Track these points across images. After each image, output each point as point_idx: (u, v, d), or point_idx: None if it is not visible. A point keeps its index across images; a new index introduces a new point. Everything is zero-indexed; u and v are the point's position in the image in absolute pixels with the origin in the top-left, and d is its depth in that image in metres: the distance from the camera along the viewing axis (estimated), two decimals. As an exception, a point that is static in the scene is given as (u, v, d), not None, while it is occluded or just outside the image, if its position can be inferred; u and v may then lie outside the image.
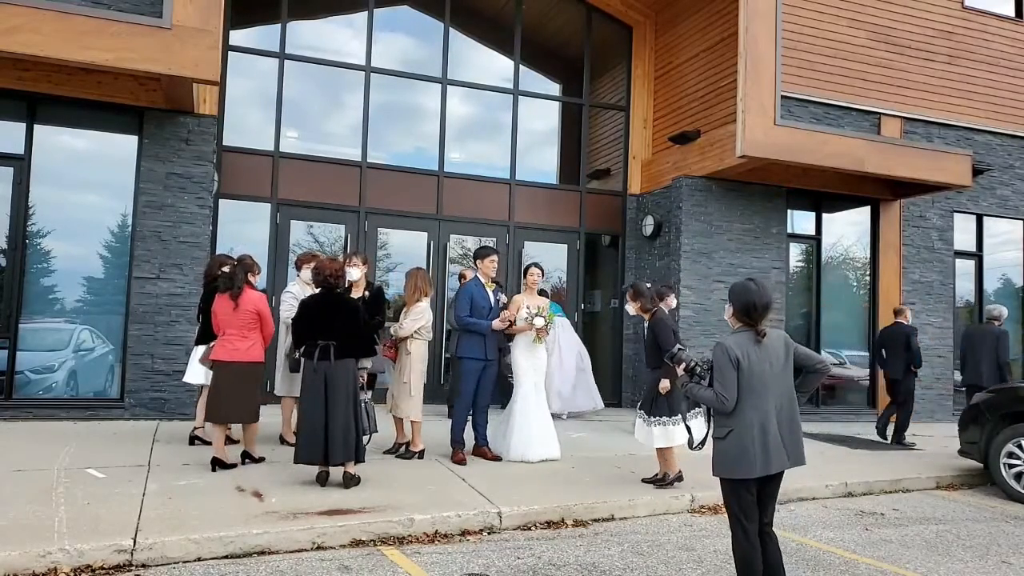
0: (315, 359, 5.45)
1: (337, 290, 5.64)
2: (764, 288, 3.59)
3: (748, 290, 3.57)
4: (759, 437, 3.43)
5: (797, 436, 3.55)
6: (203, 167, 8.36)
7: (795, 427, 3.55)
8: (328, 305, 5.57)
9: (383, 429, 7.80)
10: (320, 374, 5.43)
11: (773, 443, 3.45)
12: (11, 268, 7.79)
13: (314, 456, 5.42)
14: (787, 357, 3.57)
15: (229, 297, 5.83)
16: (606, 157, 11.88)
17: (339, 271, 5.67)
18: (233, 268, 6.02)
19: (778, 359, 3.54)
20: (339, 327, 5.49)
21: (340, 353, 5.45)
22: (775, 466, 3.46)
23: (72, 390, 8.08)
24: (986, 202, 11.87)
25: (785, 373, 3.56)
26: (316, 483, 5.46)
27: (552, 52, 12.21)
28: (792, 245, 11.01)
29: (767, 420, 3.45)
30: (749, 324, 3.55)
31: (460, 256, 10.61)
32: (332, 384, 5.42)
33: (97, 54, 6.80)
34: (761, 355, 3.50)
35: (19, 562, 3.82)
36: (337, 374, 5.44)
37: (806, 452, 3.68)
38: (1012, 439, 7.00)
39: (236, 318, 5.82)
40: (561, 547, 4.80)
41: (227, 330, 5.85)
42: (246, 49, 9.70)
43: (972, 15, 11.62)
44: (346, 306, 5.63)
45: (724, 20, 10.00)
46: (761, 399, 3.46)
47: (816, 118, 10.61)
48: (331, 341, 5.45)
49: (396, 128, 10.69)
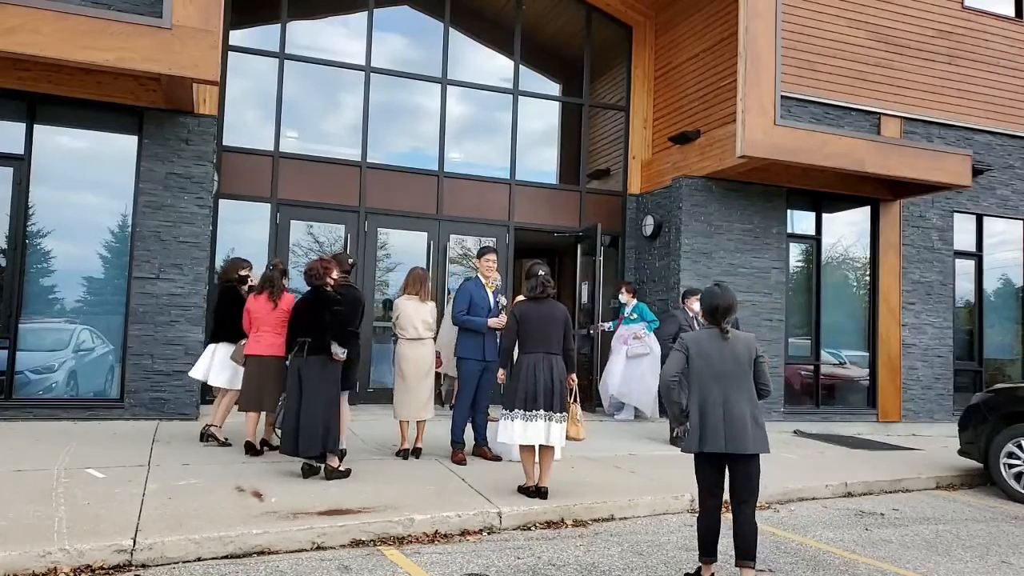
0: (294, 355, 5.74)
1: (326, 288, 5.82)
2: (726, 293, 4.18)
3: (713, 294, 4.20)
4: (699, 419, 4.05)
5: (742, 426, 4.00)
6: (203, 167, 8.36)
7: (742, 418, 4.01)
8: (312, 303, 5.80)
9: (386, 430, 7.82)
10: (295, 369, 5.69)
11: (711, 426, 4.01)
12: (11, 268, 7.79)
13: (289, 448, 5.65)
14: (748, 360, 4.09)
15: (268, 298, 6.46)
16: (606, 157, 11.89)
17: (320, 269, 5.83)
18: (273, 272, 6.62)
19: (735, 359, 4.07)
20: (316, 324, 5.68)
21: (313, 349, 5.64)
22: (709, 445, 4.01)
23: (72, 390, 8.08)
24: (986, 202, 11.87)
25: (739, 371, 4.07)
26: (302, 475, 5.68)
27: (552, 52, 12.21)
28: (792, 245, 11.00)
29: (711, 406, 4.04)
30: (712, 322, 4.17)
31: (460, 256, 10.61)
32: (305, 378, 5.63)
33: (97, 54, 6.80)
34: (718, 350, 4.09)
35: (19, 562, 3.82)
36: (310, 370, 5.62)
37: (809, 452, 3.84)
38: (1012, 439, 7.01)
39: (273, 317, 6.43)
40: (561, 547, 4.80)
41: (262, 327, 6.45)
42: (246, 49, 9.70)
43: (972, 15, 11.61)
44: (324, 303, 5.75)
45: (724, 20, 10.00)
46: (707, 388, 4.07)
47: (816, 118, 10.61)
48: (308, 338, 5.68)
49: (396, 128, 10.69)
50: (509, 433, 5.55)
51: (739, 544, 4.06)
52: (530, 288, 5.81)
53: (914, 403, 11.17)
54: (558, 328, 5.65)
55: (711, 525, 4.17)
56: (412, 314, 6.71)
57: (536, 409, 5.46)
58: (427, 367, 6.73)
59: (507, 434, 5.55)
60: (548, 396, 5.48)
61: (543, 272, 5.87)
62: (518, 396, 5.53)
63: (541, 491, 5.52)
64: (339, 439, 5.82)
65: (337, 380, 5.80)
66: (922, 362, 11.27)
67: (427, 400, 6.71)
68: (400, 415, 6.73)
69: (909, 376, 11.17)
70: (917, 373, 11.22)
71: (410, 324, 6.69)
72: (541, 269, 5.93)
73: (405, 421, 6.76)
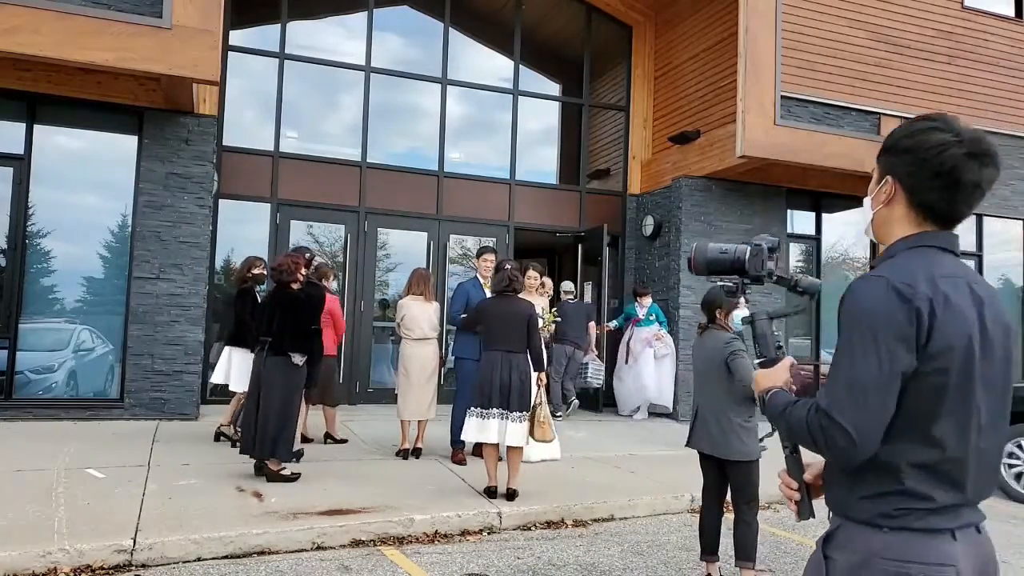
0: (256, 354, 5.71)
1: (292, 286, 5.74)
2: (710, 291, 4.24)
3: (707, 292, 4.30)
4: (692, 418, 4.24)
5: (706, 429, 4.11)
6: (203, 167, 8.36)
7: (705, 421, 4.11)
8: (276, 303, 5.69)
9: (386, 429, 7.82)
10: (256, 369, 5.65)
11: (699, 426, 4.16)
12: (11, 268, 7.79)
13: (246, 448, 5.62)
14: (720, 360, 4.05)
15: None
16: (606, 157, 11.88)
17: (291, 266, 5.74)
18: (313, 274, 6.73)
19: (707, 358, 4.13)
20: (278, 325, 5.59)
21: (272, 350, 5.56)
22: (694, 444, 4.21)
23: (72, 390, 8.07)
24: (986, 202, 11.78)
25: (711, 370, 4.10)
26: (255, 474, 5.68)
27: (552, 52, 12.20)
28: (792, 245, 11.00)
29: (698, 406, 4.21)
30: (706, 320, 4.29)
31: (460, 256, 10.61)
32: (264, 381, 5.55)
33: (97, 54, 6.80)
34: (699, 351, 4.24)
35: (19, 562, 3.82)
36: (270, 373, 5.54)
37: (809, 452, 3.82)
38: (1012, 439, 7.00)
39: None
40: (561, 547, 4.80)
41: None
42: (246, 49, 9.69)
43: (972, 15, 11.61)
44: (285, 302, 5.66)
45: (724, 20, 10.00)
46: (696, 386, 4.31)
47: (816, 118, 10.61)
48: (268, 338, 5.60)
49: (396, 128, 10.69)
50: (466, 431, 5.54)
51: (736, 543, 4.12)
52: (496, 282, 5.74)
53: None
54: (520, 326, 5.51)
55: (709, 524, 4.25)
56: (417, 314, 6.72)
57: (491, 407, 5.41)
58: (432, 367, 6.75)
59: (465, 432, 5.56)
60: (505, 395, 5.40)
61: (510, 266, 5.80)
62: (475, 394, 5.52)
63: (510, 493, 5.43)
64: (292, 445, 5.73)
65: (298, 386, 5.70)
66: None
67: (431, 400, 6.72)
68: (404, 415, 6.74)
69: (909, 376, 11.16)
70: (917, 373, 11.21)
71: (416, 324, 6.71)
72: (509, 263, 5.88)
73: (407, 421, 6.77)
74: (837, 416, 1.44)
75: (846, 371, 1.47)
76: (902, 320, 1.43)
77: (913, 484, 1.45)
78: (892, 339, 1.43)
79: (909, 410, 1.45)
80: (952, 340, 1.44)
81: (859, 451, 1.44)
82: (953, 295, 1.46)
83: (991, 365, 1.48)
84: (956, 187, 1.52)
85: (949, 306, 1.44)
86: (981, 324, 1.47)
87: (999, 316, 1.51)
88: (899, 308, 1.43)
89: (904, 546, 1.44)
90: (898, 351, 1.42)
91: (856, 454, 1.45)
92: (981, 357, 1.46)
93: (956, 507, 1.47)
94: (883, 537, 1.46)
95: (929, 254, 1.53)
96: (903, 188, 1.57)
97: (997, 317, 1.50)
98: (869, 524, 1.48)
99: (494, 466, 5.55)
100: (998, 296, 1.56)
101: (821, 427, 1.46)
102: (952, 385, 1.44)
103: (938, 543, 1.45)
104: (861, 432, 1.42)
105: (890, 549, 1.45)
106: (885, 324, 1.43)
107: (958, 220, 1.58)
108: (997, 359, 1.50)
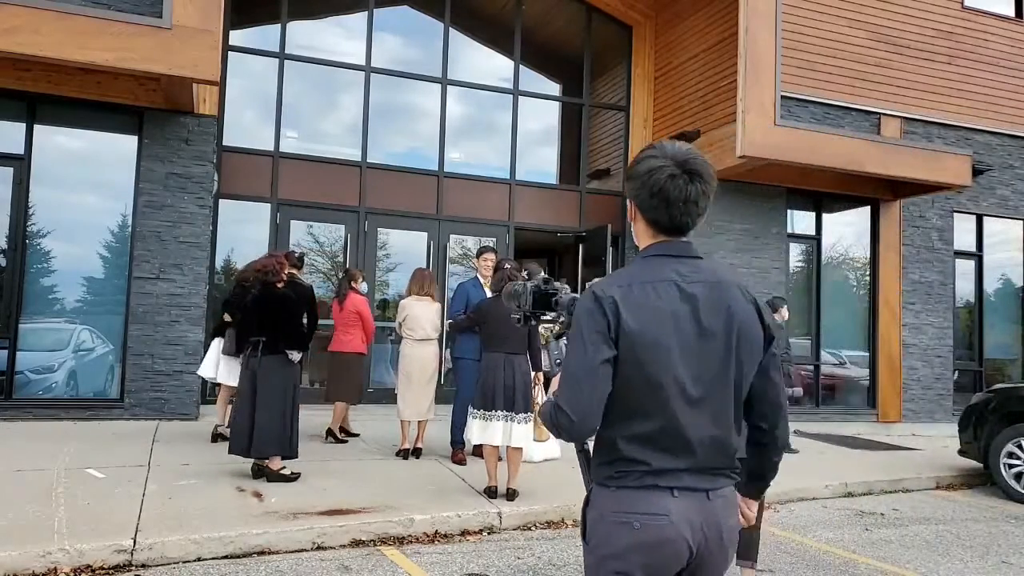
0: (248, 355, 5.66)
1: (278, 285, 5.76)
2: None
3: None
4: None
5: None
6: (203, 167, 8.36)
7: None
8: (265, 303, 5.69)
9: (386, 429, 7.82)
10: (250, 370, 5.61)
11: None
12: (11, 268, 7.79)
13: (239, 448, 5.57)
14: None
15: (336, 300, 7.36)
16: (606, 157, 11.88)
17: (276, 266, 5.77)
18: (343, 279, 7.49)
19: None
20: (270, 324, 5.60)
21: (268, 349, 5.57)
22: None
23: (72, 390, 8.07)
24: (986, 202, 11.87)
25: None
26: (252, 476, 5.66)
27: (552, 52, 12.20)
28: (792, 245, 11.00)
29: None
30: None
31: (460, 256, 10.61)
32: (261, 380, 5.55)
33: (97, 54, 6.79)
34: None
35: (19, 562, 3.82)
36: (267, 371, 5.54)
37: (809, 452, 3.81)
38: (1012, 439, 7.01)
39: (341, 317, 7.28)
40: (561, 547, 4.80)
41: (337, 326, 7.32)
42: (246, 49, 9.69)
43: (972, 15, 11.61)
44: (277, 301, 5.68)
45: (724, 20, 10.00)
46: None
47: (816, 118, 10.61)
48: (262, 337, 5.60)
49: (396, 128, 10.69)
50: (469, 433, 5.56)
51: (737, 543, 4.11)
52: (496, 282, 5.72)
53: (914, 403, 11.17)
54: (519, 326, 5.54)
55: None
56: (420, 315, 6.72)
57: (494, 409, 5.41)
58: (432, 368, 6.75)
59: (468, 434, 5.57)
60: (509, 397, 5.40)
61: (509, 266, 5.78)
62: (477, 396, 5.53)
63: (510, 493, 5.44)
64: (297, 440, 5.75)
65: (297, 382, 5.77)
66: (922, 362, 11.27)
67: (431, 401, 6.72)
68: (404, 415, 6.74)
69: (909, 376, 11.17)
70: (917, 373, 11.22)
71: (418, 325, 6.72)
72: (508, 263, 5.86)
73: (407, 421, 6.77)
74: (561, 402, 1.75)
75: (566, 365, 1.79)
76: (598, 318, 1.73)
77: (629, 451, 1.75)
78: (593, 333, 1.73)
79: (619, 392, 1.74)
80: (638, 332, 1.72)
81: (578, 428, 1.75)
82: (645, 294, 1.75)
83: (703, 351, 1.75)
84: (667, 203, 1.79)
85: (635, 304, 1.73)
86: (694, 317, 1.75)
87: (719, 309, 1.77)
88: (595, 309, 1.74)
89: (626, 500, 1.76)
90: (599, 343, 1.72)
91: (577, 430, 1.76)
92: (684, 344, 1.74)
93: (677, 471, 1.76)
94: (612, 494, 1.78)
95: (652, 261, 1.83)
96: (638, 208, 1.86)
97: (716, 310, 1.77)
98: (603, 485, 1.81)
99: (494, 466, 5.55)
100: (727, 292, 1.80)
101: (552, 412, 1.78)
102: (646, 369, 1.72)
103: (655, 498, 1.75)
104: (577, 412, 1.73)
105: (617, 503, 1.77)
106: (587, 323, 1.74)
107: (684, 230, 1.84)
108: (713, 347, 1.76)
